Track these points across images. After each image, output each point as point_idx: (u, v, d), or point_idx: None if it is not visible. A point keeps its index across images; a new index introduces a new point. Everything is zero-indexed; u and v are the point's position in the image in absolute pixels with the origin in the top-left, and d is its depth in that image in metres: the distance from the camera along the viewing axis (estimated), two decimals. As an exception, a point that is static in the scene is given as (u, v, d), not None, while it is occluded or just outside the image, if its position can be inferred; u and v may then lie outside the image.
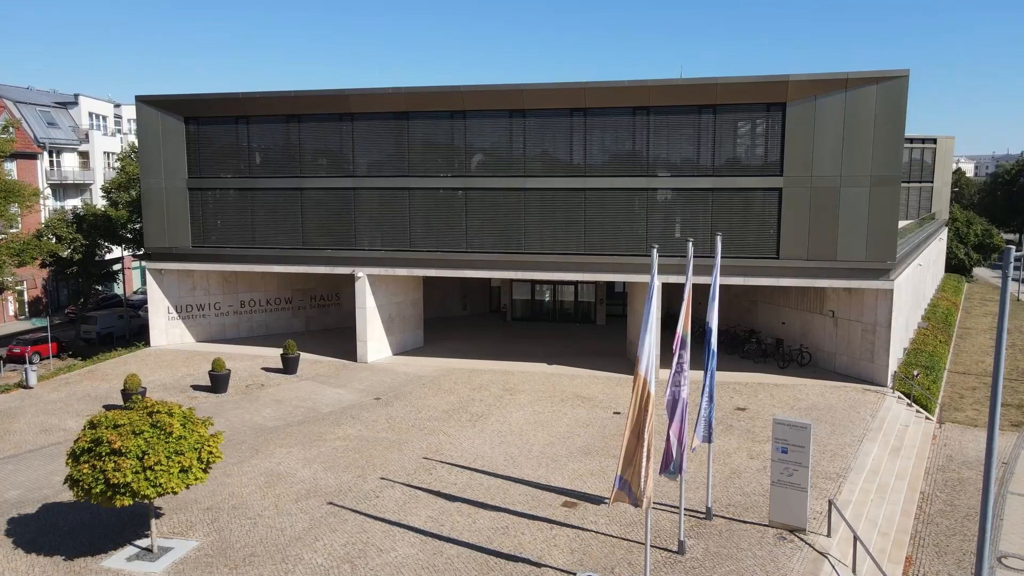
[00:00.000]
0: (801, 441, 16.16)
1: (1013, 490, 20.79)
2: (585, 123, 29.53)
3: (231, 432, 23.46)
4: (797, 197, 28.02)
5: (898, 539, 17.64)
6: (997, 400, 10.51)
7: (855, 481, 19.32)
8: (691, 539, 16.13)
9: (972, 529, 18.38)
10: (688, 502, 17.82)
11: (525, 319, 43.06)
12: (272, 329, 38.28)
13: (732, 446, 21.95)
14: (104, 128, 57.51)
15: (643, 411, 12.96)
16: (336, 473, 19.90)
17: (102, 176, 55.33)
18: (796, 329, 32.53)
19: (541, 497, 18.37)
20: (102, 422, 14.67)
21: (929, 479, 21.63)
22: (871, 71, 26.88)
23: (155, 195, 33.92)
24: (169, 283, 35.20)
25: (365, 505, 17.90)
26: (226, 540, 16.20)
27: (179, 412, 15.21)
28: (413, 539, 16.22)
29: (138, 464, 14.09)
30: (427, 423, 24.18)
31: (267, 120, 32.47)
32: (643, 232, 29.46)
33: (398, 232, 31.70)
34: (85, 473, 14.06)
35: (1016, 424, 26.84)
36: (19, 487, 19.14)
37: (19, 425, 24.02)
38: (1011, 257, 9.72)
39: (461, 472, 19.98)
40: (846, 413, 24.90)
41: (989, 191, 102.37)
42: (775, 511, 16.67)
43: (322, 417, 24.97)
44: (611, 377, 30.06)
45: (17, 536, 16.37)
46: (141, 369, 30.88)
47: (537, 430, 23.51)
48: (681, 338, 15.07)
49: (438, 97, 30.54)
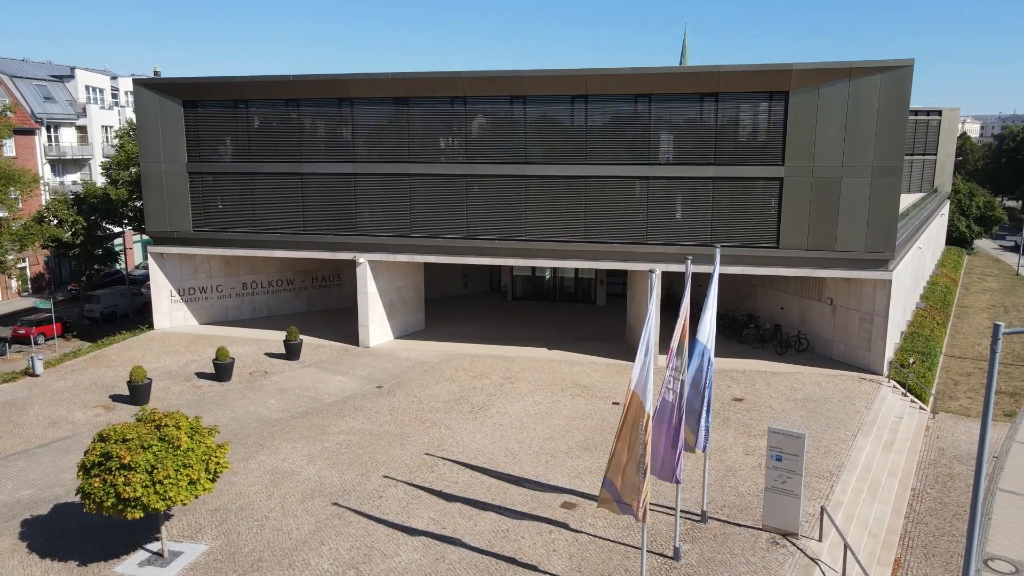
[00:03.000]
0: (795, 450, 16.51)
1: (1003, 487, 21.23)
2: (586, 110, 29.34)
3: (236, 424, 23.89)
4: (798, 187, 27.98)
5: (888, 540, 18.12)
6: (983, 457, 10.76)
7: (847, 480, 19.76)
8: (686, 544, 16.60)
9: (960, 529, 18.85)
10: (684, 502, 18.28)
11: (526, 298, 43.30)
12: (274, 310, 38.56)
13: (728, 441, 22.36)
14: (102, 102, 57.01)
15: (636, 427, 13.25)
16: (340, 471, 20.34)
17: (100, 151, 55.07)
18: (795, 315, 32.77)
19: (540, 497, 18.81)
20: (111, 436, 15.00)
21: (920, 474, 22.08)
22: (875, 60, 26.61)
23: (155, 179, 33.87)
24: (171, 266, 35.36)
25: (369, 506, 18.36)
26: (234, 544, 16.67)
27: (186, 424, 15.53)
28: (416, 543, 16.69)
29: (147, 478, 14.45)
30: (429, 415, 24.58)
31: (266, 104, 32.25)
32: (643, 220, 29.50)
33: (399, 218, 31.73)
34: (96, 487, 14.43)
35: (1009, 413, 27.24)
36: (31, 486, 19.60)
37: (27, 418, 24.43)
38: (999, 335, 9.85)
39: (462, 470, 20.41)
40: (841, 405, 25.28)
41: (994, 158, 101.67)
42: (769, 515, 17.11)
43: (325, 408, 25.37)
44: (610, 364, 30.40)
45: (31, 540, 16.85)
46: (145, 355, 31.26)
47: (537, 423, 23.91)
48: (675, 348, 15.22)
49: (438, 83, 30.29)
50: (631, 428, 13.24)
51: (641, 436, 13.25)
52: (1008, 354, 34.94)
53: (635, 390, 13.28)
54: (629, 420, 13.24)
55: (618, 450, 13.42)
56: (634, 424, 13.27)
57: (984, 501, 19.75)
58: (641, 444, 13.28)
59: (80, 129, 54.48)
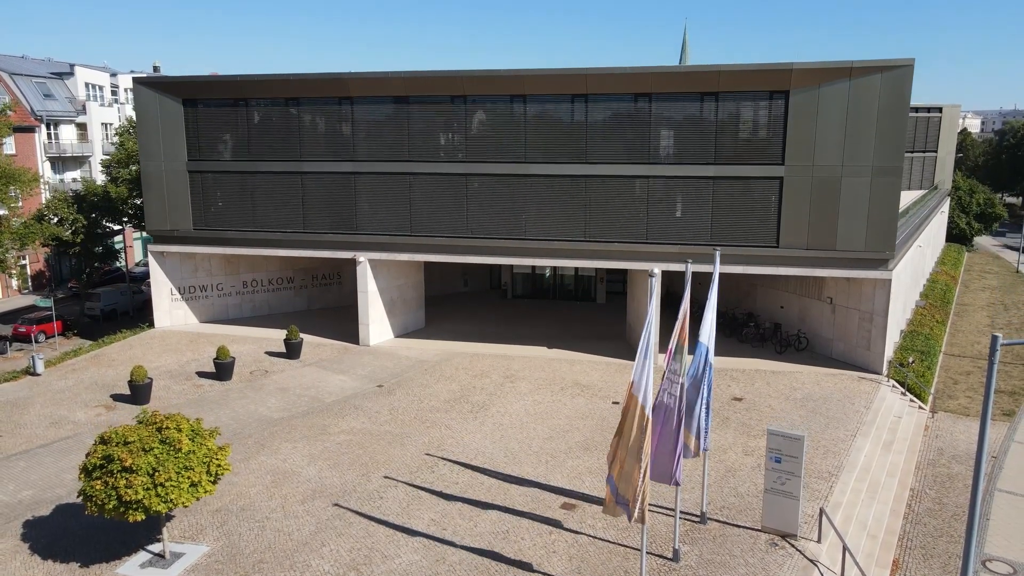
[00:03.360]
0: (794, 452, 16.56)
1: (1001, 487, 21.29)
2: (587, 109, 29.32)
3: (237, 424, 23.95)
4: (798, 186, 27.99)
5: (886, 541, 18.18)
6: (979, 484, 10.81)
7: (847, 481, 19.82)
8: (686, 545, 16.67)
9: (959, 530, 18.91)
10: (683, 503, 18.35)
11: (526, 296, 43.34)
12: (275, 308, 38.60)
13: (728, 441, 22.43)
14: (101, 99, 56.94)
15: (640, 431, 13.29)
16: (340, 471, 20.40)
17: (100, 148, 55.03)
18: (794, 314, 32.81)
19: (541, 498, 18.88)
20: (112, 438, 15.05)
21: (919, 474, 22.14)
22: (876, 60, 26.61)
23: (155, 178, 33.88)
24: (171, 265, 35.39)
25: (369, 507, 18.43)
26: (235, 545, 16.74)
27: (187, 427, 15.58)
28: (416, 544, 16.76)
29: (149, 481, 14.51)
30: (429, 415, 24.64)
31: (267, 103, 32.24)
32: (644, 219, 29.51)
33: (399, 217, 31.74)
34: (98, 490, 14.49)
35: (1008, 413, 27.29)
36: (32, 486, 19.67)
37: (28, 417, 24.49)
38: (997, 346, 9.88)
39: (463, 471, 20.48)
40: (840, 405, 25.34)
41: (994, 154, 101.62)
42: (768, 517, 17.18)
43: (326, 408, 25.43)
44: (610, 363, 30.46)
45: (33, 541, 16.92)
46: (146, 354, 31.31)
47: (537, 423, 23.97)
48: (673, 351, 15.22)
49: (438, 82, 30.27)
50: (630, 429, 13.29)
51: (640, 437, 13.31)
52: (1007, 353, 34.99)
53: (634, 392, 13.33)
54: (628, 421, 13.30)
55: (618, 451, 13.48)
56: (632, 425, 13.32)
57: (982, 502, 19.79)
58: (639, 446, 13.34)
59: (80, 126, 54.45)
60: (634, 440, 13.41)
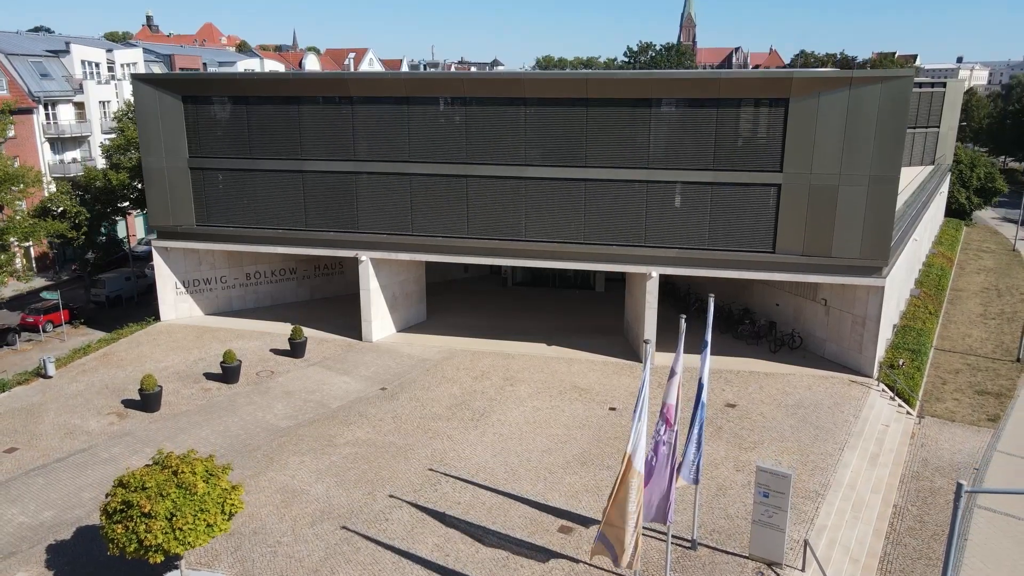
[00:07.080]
0: (782, 488, 17.34)
1: (981, 503, 22.14)
2: (587, 113, 29.37)
3: (245, 434, 24.76)
4: (796, 193, 28.26)
5: (867, 564, 19.12)
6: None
7: (832, 502, 20.69)
8: (676, 574, 17.57)
9: (938, 551, 19.83)
10: (675, 526, 19.19)
11: (525, 284, 43.82)
12: (278, 299, 39.16)
13: (720, 455, 23.24)
14: (98, 76, 56.42)
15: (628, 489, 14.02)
16: (347, 489, 21.26)
17: (99, 127, 54.80)
18: (789, 312, 33.37)
19: (539, 521, 19.76)
20: (131, 483, 15.77)
21: (903, 488, 23.01)
22: (876, 71, 26.62)
23: (157, 173, 34.07)
24: (175, 259, 35.82)
25: (376, 529, 19.32)
26: (249, 572, 17.66)
27: (201, 469, 16.29)
28: (421, 572, 17.67)
29: (167, 525, 15.29)
30: (431, 423, 25.43)
31: (267, 102, 32.22)
32: (642, 223, 29.84)
33: (400, 217, 32.05)
34: (119, 534, 15.28)
35: (993, 418, 28.08)
36: (52, 506, 20.53)
37: (43, 427, 25.28)
38: (961, 494, 10.40)
39: (465, 488, 21.34)
40: (831, 413, 26.12)
41: (998, 118, 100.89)
42: (755, 545, 18.06)
43: (331, 415, 26.21)
44: (607, 363, 31.16)
45: (57, 568, 17.84)
46: (154, 351, 32.00)
47: (536, 432, 24.78)
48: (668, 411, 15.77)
49: (438, 83, 30.26)
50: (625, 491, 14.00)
51: (633, 496, 14.03)
52: (997, 347, 35.69)
53: (630, 454, 14.00)
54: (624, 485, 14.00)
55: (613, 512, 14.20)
56: (627, 486, 14.03)
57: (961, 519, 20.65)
58: (633, 503, 14.08)
59: (78, 105, 54.11)
60: (627, 497, 14.13)
